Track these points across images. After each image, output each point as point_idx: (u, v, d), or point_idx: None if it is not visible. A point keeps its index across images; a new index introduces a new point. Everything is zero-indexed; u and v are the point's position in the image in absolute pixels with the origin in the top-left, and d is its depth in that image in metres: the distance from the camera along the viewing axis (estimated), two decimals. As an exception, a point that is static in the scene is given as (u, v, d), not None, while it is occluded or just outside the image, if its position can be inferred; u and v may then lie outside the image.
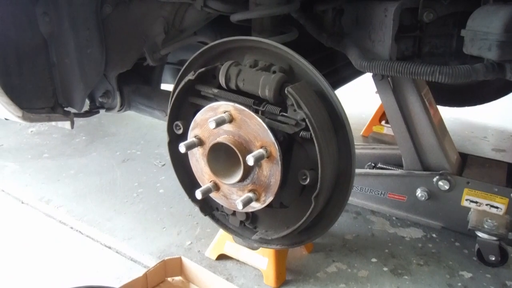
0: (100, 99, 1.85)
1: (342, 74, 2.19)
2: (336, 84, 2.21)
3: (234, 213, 1.41)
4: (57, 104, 1.73)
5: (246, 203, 1.20)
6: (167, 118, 1.39)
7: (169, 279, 1.59)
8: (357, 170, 1.77)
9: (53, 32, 1.61)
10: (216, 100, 1.25)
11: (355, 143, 1.18)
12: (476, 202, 1.72)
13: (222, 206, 1.41)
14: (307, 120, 1.08)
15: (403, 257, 1.73)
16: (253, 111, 1.16)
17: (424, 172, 1.80)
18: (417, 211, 1.87)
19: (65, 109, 1.75)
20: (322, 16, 1.64)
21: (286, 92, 1.09)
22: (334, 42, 1.60)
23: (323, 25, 1.64)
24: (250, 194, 1.21)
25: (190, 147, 1.27)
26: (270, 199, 1.21)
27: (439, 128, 1.81)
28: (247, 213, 1.37)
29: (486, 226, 1.61)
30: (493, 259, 1.64)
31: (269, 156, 1.15)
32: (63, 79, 1.69)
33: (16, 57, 1.56)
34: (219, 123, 1.16)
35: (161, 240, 1.85)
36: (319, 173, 1.11)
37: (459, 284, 1.59)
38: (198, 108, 1.28)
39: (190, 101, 1.34)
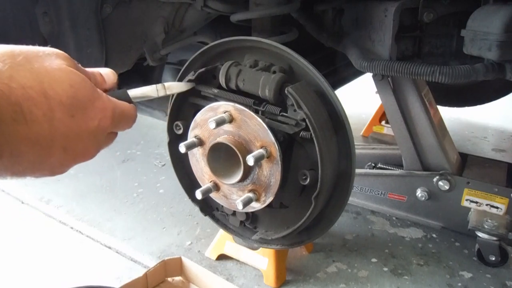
0: (100, 99, 1.85)
1: (342, 74, 2.19)
2: (336, 84, 2.20)
3: (234, 213, 1.41)
4: (57, 104, 1.72)
5: (246, 203, 1.20)
6: (167, 118, 1.39)
7: (169, 279, 1.59)
8: (357, 170, 1.76)
9: (53, 32, 1.61)
10: (216, 100, 1.25)
11: (355, 143, 1.18)
12: (476, 202, 1.72)
13: (222, 206, 1.40)
14: (307, 120, 1.08)
15: (403, 257, 1.73)
16: (253, 111, 1.16)
17: (424, 172, 1.80)
18: (417, 211, 1.87)
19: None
20: (322, 16, 1.64)
21: (286, 92, 1.09)
22: (334, 42, 1.60)
23: (323, 25, 1.64)
24: (250, 194, 1.21)
25: (190, 147, 1.27)
26: (270, 199, 1.21)
27: (439, 128, 1.81)
28: (247, 213, 1.37)
29: (486, 226, 1.61)
30: (493, 259, 1.64)
31: (269, 156, 1.15)
32: (63, 79, 1.68)
33: None
34: (219, 123, 1.16)
35: (161, 240, 1.85)
36: (319, 173, 1.11)
37: (459, 284, 1.59)
38: (198, 108, 1.28)
39: (190, 101, 1.34)
